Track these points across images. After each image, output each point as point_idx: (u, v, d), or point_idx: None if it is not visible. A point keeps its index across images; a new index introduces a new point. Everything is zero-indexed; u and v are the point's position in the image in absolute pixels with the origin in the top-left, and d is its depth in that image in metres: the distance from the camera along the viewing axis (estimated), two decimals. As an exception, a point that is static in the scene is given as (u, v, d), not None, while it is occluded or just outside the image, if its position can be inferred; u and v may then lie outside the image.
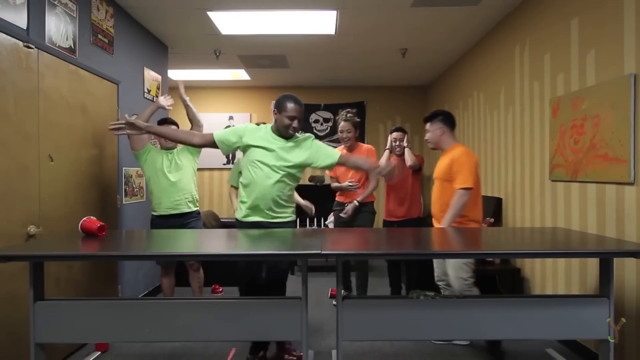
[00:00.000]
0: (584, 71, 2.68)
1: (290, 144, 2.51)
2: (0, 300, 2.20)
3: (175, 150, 3.24)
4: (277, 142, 2.50)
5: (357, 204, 3.47)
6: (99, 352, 2.81)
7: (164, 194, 3.13)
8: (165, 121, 3.24)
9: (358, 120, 3.64)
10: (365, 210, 3.55)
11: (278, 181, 2.46)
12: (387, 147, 3.65)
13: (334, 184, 3.68)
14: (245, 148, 2.52)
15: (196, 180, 3.34)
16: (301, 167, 2.55)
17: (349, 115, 3.56)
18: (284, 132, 2.50)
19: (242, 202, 2.57)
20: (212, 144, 2.51)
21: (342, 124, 3.54)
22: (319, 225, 5.11)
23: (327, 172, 3.69)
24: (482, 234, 2.41)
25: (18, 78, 2.33)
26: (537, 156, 3.25)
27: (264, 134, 2.52)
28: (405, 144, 3.61)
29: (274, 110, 2.54)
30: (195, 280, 3.37)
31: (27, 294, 2.00)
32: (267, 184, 2.45)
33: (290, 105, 2.46)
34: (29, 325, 1.98)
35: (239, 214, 2.60)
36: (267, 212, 2.50)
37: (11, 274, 2.26)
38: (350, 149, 3.54)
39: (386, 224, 3.64)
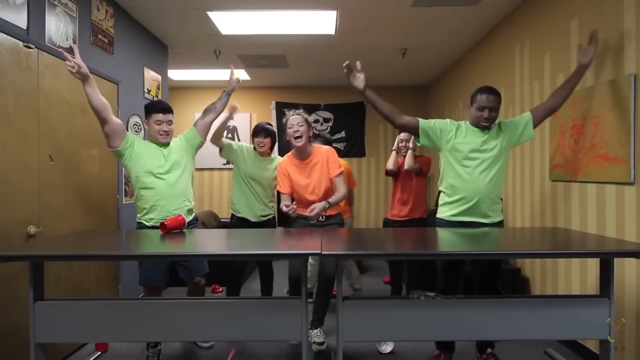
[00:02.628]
0: (584, 71, 2.68)
1: (486, 135, 2.45)
2: (0, 300, 2.20)
3: (172, 144, 2.70)
4: (478, 135, 2.45)
5: (327, 204, 2.66)
6: (99, 352, 2.81)
7: (160, 201, 2.57)
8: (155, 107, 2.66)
9: (308, 118, 2.84)
10: (333, 222, 2.84)
11: (492, 178, 2.43)
12: (394, 147, 3.57)
13: (284, 206, 2.66)
14: (448, 144, 2.47)
15: (190, 180, 2.79)
16: (508, 148, 2.48)
17: (297, 111, 2.85)
18: (477, 124, 2.45)
19: (451, 202, 2.50)
20: (414, 130, 2.51)
21: (291, 118, 2.78)
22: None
23: (276, 187, 2.94)
24: (482, 234, 2.41)
25: (18, 78, 2.34)
26: (537, 156, 3.25)
27: (465, 128, 2.49)
28: (410, 145, 3.43)
29: (468, 105, 2.50)
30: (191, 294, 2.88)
31: (27, 294, 1.99)
32: (483, 180, 2.42)
33: (479, 96, 2.42)
34: (29, 325, 1.97)
35: (445, 213, 2.52)
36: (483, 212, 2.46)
37: (11, 274, 2.26)
38: (303, 155, 2.80)
39: (389, 223, 3.63)
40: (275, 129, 3.40)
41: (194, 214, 2.80)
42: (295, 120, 2.75)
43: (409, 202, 3.47)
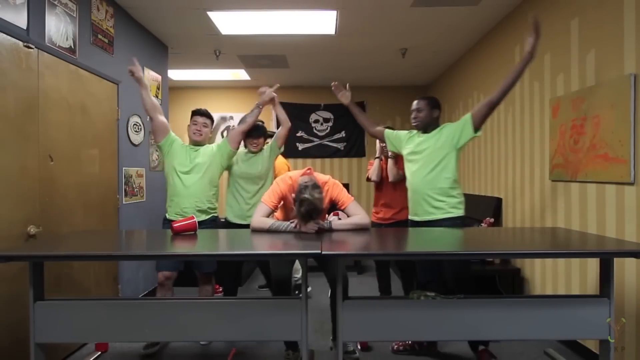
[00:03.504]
0: (584, 71, 2.68)
1: (423, 137, 2.73)
2: (0, 300, 2.20)
3: (202, 147, 2.92)
4: (417, 138, 2.78)
5: (329, 224, 2.40)
6: (99, 352, 2.81)
7: (174, 197, 2.84)
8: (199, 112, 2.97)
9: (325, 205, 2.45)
10: None
11: (425, 176, 2.63)
12: (377, 154, 3.45)
13: (273, 224, 2.40)
14: (404, 151, 2.85)
15: (217, 184, 2.99)
16: (448, 148, 2.64)
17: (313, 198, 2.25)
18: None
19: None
20: (382, 138, 3.00)
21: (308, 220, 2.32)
22: None
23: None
24: (483, 234, 2.41)
25: (18, 78, 2.34)
26: (537, 156, 3.25)
27: (415, 135, 2.82)
28: (389, 153, 3.26)
29: None
30: (202, 293, 3.06)
31: (27, 294, 2.00)
32: (417, 179, 2.67)
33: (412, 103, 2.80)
34: (29, 325, 1.98)
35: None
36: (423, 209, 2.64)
37: (11, 274, 2.26)
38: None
39: (374, 225, 3.50)
40: (275, 129, 3.35)
41: (210, 215, 2.92)
42: (311, 228, 2.32)
43: (394, 206, 3.38)
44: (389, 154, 3.32)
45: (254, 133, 3.10)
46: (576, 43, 2.75)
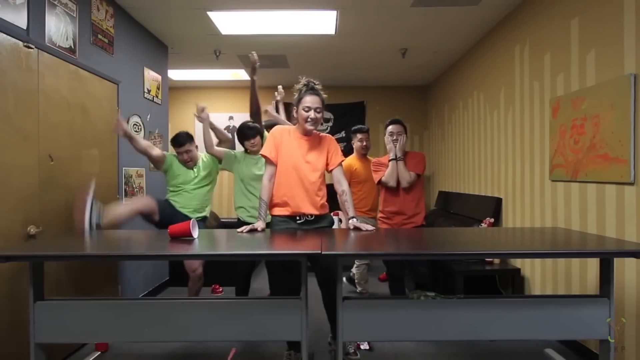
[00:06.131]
0: (584, 71, 2.68)
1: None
2: (0, 300, 2.20)
3: (198, 165, 3.25)
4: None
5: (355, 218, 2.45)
6: (99, 352, 2.81)
7: (178, 198, 3.22)
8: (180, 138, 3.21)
9: (324, 98, 2.54)
10: (323, 225, 2.55)
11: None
12: (391, 156, 2.98)
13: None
14: None
15: (210, 190, 3.34)
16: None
17: (317, 85, 2.52)
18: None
19: None
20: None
21: (307, 98, 2.46)
22: None
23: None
24: (483, 234, 2.41)
25: (18, 78, 2.33)
26: (537, 156, 3.25)
27: None
28: (398, 153, 2.97)
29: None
30: (192, 289, 3.23)
31: (27, 294, 2.00)
32: None
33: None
34: (29, 325, 1.98)
35: None
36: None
37: (11, 274, 2.26)
38: (306, 130, 2.55)
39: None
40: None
41: (202, 214, 3.26)
42: (313, 103, 2.44)
43: (408, 212, 3.04)
44: (399, 155, 2.98)
45: (250, 135, 3.10)
46: (576, 43, 2.75)
